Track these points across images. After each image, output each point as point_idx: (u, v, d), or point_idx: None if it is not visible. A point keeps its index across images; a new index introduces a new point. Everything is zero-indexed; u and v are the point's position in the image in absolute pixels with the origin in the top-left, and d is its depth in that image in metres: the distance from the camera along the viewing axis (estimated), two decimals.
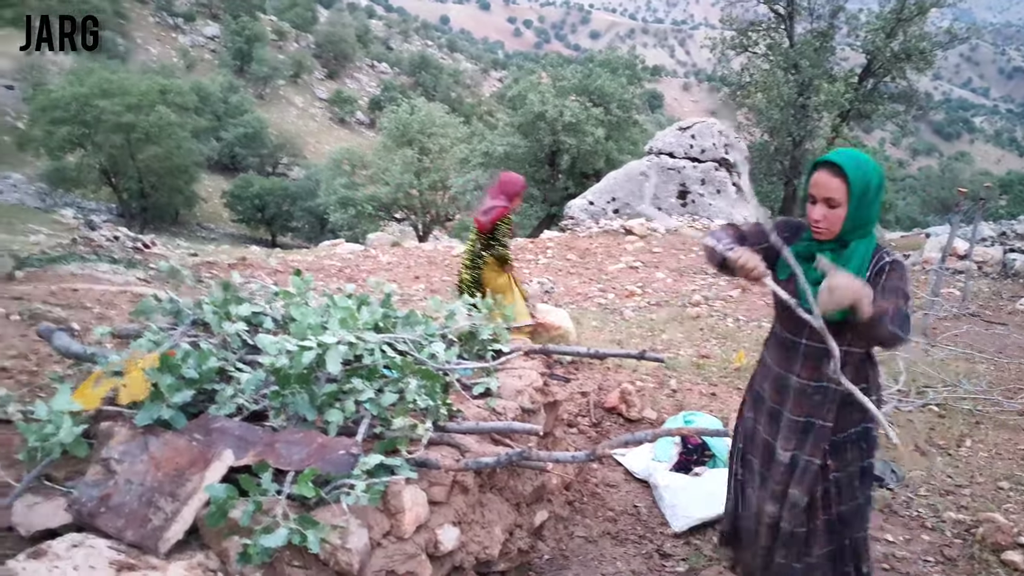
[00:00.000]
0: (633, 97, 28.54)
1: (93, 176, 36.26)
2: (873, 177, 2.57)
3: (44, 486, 2.84)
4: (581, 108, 25.34)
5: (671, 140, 17.63)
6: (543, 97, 25.45)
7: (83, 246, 14.21)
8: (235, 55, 66.74)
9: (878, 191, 2.60)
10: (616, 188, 17.78)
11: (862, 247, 2.63)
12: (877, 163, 2.65)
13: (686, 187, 17.19)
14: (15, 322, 6.09)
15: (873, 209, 2.62)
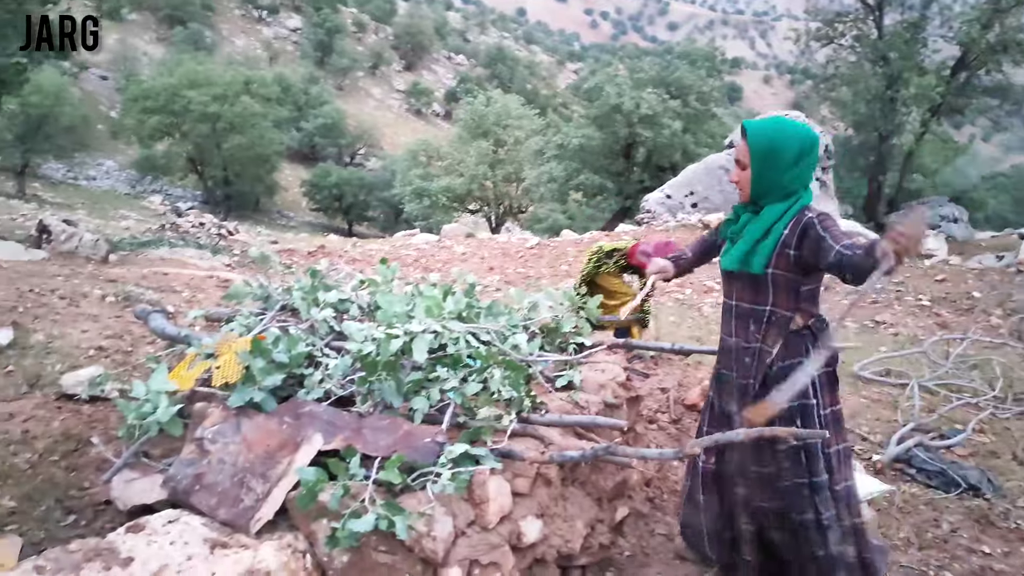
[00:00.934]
0: (712, 90, 28.03)
1: (180, 164, 37.49)
2: (786, 142, 2.60)
3: (141, 462, 2.94)
4: (658, 100, 25.00)
5: None
6: (620, 89, 25.20)
7: (171, 231, 14.72)
8: (316, 47, 68.03)
9: (797, 157, 2.60)
10: (695, 181, 17.50)
11: (775, 210, 2.66)
12: (808, 132, 2.65)
13: None
14: (110, 303, 6.33)
15: (786, 174, 2.62)
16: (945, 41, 24.55)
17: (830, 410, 2.76)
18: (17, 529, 2.79)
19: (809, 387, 2.67)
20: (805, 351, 2.70)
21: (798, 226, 2.61)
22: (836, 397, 2.81)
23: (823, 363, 2.65)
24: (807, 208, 2.65)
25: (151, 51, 56.19)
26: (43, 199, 28.65)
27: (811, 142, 2.63)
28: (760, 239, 2.67)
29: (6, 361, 4.52)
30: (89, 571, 2.19)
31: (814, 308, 2.74)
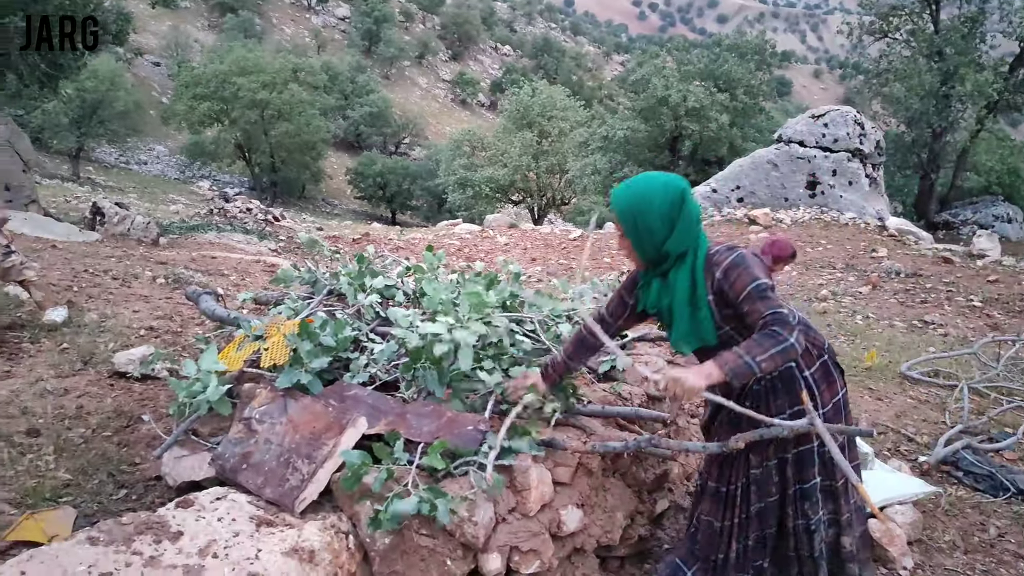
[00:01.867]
0: (761, 83, 27.62)
1: (228, 150, 38.06)
2: (651, 206, 2.40)
3: (190, 440, 3.00)
4: (706, 93, 24.71)
5: (802, 128, 16.95)
6: (667, 81, 24.96)
7: (219, 216, 14.97)
8: (364, 36, 68.49)
9: (668, 218, 2.41)
10: (741, 176, 17.28)
11: (684, 274, 2.47)
12: (672, 186, 2.44)
13: (815, 177, 16.53)
14: (160, 285, 6.48)
15: (667, 240, 2.43)
16: (1004, 36, 23.86)
17: (831, 404, 2.65)
18: (72, 501, 2.88)
19: (799, 390, 2.52)
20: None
21: (715, 285, 2.45)
22: (835, 387, 2.67)
23: (815, 357, 2.61)
24: (710, 257, 2.47)
25: (202, 38, 57.10)
26: (96, 182, 29.32)
27: (679, 194, 2.43)
28: (693, 314, 2.50)
29: (61, 338, 4.66)
30: (140, 544, 2.25)
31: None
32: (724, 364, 2.27)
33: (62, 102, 28.28)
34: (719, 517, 2.70)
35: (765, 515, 2.66)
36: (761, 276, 2.37)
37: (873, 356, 6.47)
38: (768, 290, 2.35)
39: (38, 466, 3.10)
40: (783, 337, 2.26)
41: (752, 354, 2.25)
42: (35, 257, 6.61)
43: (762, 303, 2.34)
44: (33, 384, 3.88)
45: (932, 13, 24.56)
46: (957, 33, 23.25)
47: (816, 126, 16.87)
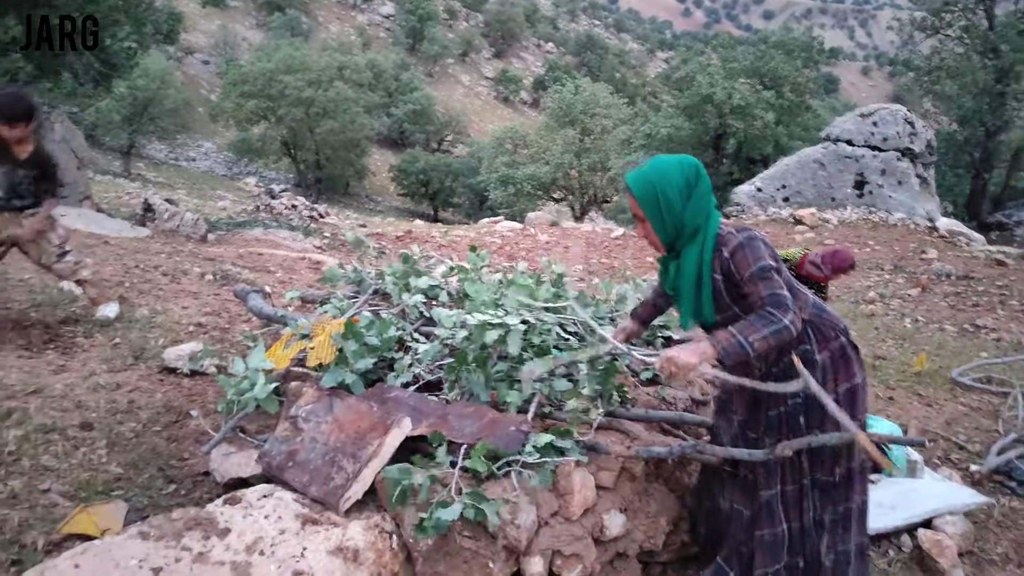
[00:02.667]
0: (808, 80, 27.15)
1: (275, 147, 38.55)
2: (670, 179, 2.50)
3: (238, 437, 3.05)
4: (751, 91, 24.38)
5: (850, 127, 16.64)
6: (712, 79, 24.67)
7: (265, 213, 15.17)
8: (408, 33, 68.87)
9: (686, 191, 2.50)
10: (787, 175, 17.03)
11: (693, 252, 2.53)
12: (687, 162, 2.55)
13: (864, 177, 16.21)
14: (208, 281, 6.59)
15: (684, 213, 2.51)
16: None
17: (845, 387, 2.61)
18: (123, 494, 2.94)
19: (814, 374, 2.52)
20: (806, 338, 2.59)
21: (723, 265, 2.51)
22: (852, 372, 2.63)
23: (832, 339, 2.60)
24: (720, 237, 2.53)
25: (250, 36, 57.92)
26: (147, 178, 29.94)
27: (692, 173, 2.53)
28: (698, 291, 2.56)
29: (113, 334, 4.76)
30: (190, 539, 2.29)
31: (797, 302, 2.54)
32: (718, 343, 2.36)
33: (115, 100, 28.91)
34: (747, 505, 2.71)
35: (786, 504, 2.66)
36: (765, 258, 2.43)
37: (923, 361, 6.33)
38: (771, 272, 2.42)
39: (91, 459, 3.17)
40: (777, 319, 2.33)
41: (745, 334, 2.33)
42: (88, 252, 6.76)
43: (763, 284, 2.40)
44: (86, 378, 3.98)
45: (987, 9, 23.97)
46: (1013, 29, 22.66)
47: (865, 124, 16.55)
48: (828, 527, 2.65)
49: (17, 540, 2.51)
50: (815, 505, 2.65)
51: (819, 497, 2.64)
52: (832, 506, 2.65)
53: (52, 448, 3.20)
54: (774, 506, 2.64)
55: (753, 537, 2.67)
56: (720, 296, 2.53)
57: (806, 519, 2.65)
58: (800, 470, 2.62)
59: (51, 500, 2.82)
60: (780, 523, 2.63)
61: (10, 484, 2.86)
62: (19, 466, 3.01)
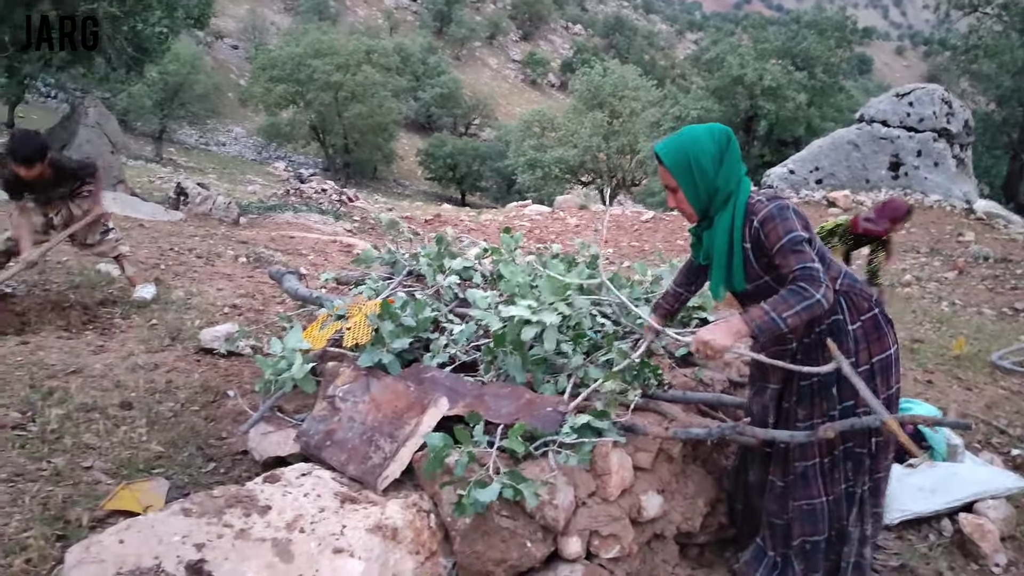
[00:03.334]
0: (841, 61, 26.73)
1: (303, 131, 38.72)
2: (698, 149, 2.47)
3: (276, 416, 3.07)
4: (783, 72, 24.05)
5: (885, 107, 16.35)
6: (742, 60, 24.37)
7: (294, 197, 15.26)
8: (435, 16, 68.66)
9: (718, 156, 2.48)
10: (821, 157, 16.78)
11: (725, 219, 2.50)
12: (717, 128, 2.53)
13: (899, 159, 15.94)
14: (242, 264, 6.64)
15: (717, 178, 2.48)
16: None
17: (878, 358, 2.57)
18: (163, 472, 2.98)
19: (845, 343, 2.53)
20: (839, 309, 2.56)
21: (752, 234, 2.48)
22: (886, 342, 2.60)
23: (865, 310, 2.56)
24: (750, 204, 2.50)
25: (278, 21, 58.11)
26: (178, 163, 30.20)
27: (723, 139, 2.50)
28: (729, 259, 2.54)
29: (150, 315, 4.82)
30: (231, 516, 2.31)
31: (830, 272, 2.52)
32: (751, 321, 2.34)
33: (146, 85, 29.14)
34: (781, 476, 2.70)
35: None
36: (796, 228, 2.39)
37: (962, 344, 6.23)
38: (802, 243, 2.37)
39: (132, 438, 3.21)
40: (809, 293, 2.30)
41: (778, 310, 2.31)
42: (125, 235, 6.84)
43: (794, 257, 2.36)
44: (125, 358, 4.03)
45: None
46: None
47: (901, 105, 16.26)
48: (859, 498, 2.64)
49: (62, 516, 2.55)
50: (848, 476, 2.63)
51: (852, 468, 2.62)
52: (865, 476, 2.64)
53: (93, 427, 3.24)
54: (810, 476, 2.62)
55: (788, 508, 2.67)
56: (749, 264, 2.51)
57: (838, 490, 2.63)
58: (832, 441, 2.59)
59: (94, 477, 2.86)
60: (819, 494, 2.62)
61: (53, 462, 2.91)
62: (62, 444, 3.06)
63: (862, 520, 2.65)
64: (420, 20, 70.17)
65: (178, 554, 2.15)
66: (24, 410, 3.29)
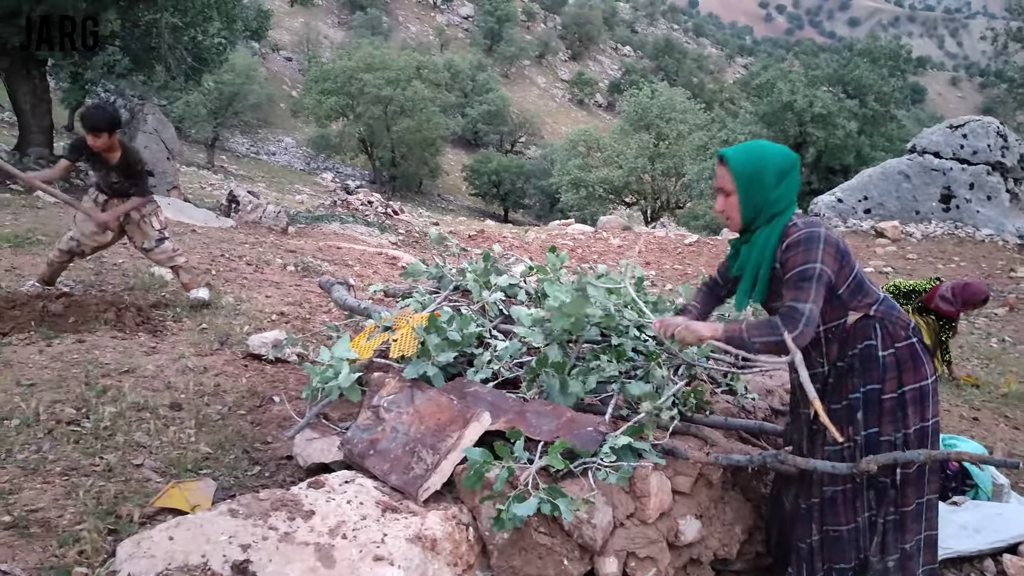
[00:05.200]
0: (894, 90, 26.39)
1: (352, 144, 39.33)
2: (768, 161, 2.53)
3: (321, 423, 3.13)
4: (833, 99, 23.81)
5: (938, 138, 16.11)
6: (793, 86, 24.18)
7: (341, 208, 15.46)
8: (486, 34, 69.41)
9: (780, 177, 2.53)
10: (870, 187, 16.58)
11: (763, 235, 2.56)
12: (787, 152, 2.58)
13: (951, 191, 15.69)
14: (290, 272, 6.77)
15: (771, 194, 2.52)
16: None
17: (912, 387, 2.56)
18: (211, 473, 3.05)
19: (875, 370, 2.55)
20: (873, 335, 2.56)
21: (780, 255, 2.53)
22: (923, 372, 2.59)
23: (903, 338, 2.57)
24: (787, 226, 2.54)
25: (332, 35, 59.19)
26: (229, 171, 30.82)
27: (791, 161, 2.56)
28: (756, 273, 2.59)
29: (201, 318, 4.94)
30: (276, 519, 2.37)
31: (865, 299, 2.57)
32: (728, 330, 2.49)
33: (202, 94, 29.85)
34: (806, 499, 2.71)
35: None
36: (813, 261, 2.42)
37: (1013, 382, 6.11)
38: (809, 280, 2.41)
39: (180, 438, 3.29)
40: (779, 332, 2.36)
41: (751, 333, 2.43)
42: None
43: (792, 292, 2.42)
44: (176, 360, 4.14)
45: None
46: None
47: (954, 136, 16.01)
48: (881, 529, 2.63)
49: (114, 511, 2.63)
50: (869, 505, 2.62)
51: (874, 498, 2.61)
52: (889, 507, 2.62)
53: (144, 425, 3.33)
54: (838, 502, 2.63)
55: (812, 532, 2.67)
56: (775, 283, 2.57)
57: (861, 519, 2.63)
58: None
59: (144, 475, 2.94)
60: (846, 521, 2.62)
61: (106, 458, 3.00)
62: (114, 441, 3.15)
63: (883, 552, 2.63)
64: (471, 38, 70.95)
65: (224, 553, 2.21)
66: (79, 407, 3.39)
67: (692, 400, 3.01)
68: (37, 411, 3.26)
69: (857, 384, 2.57)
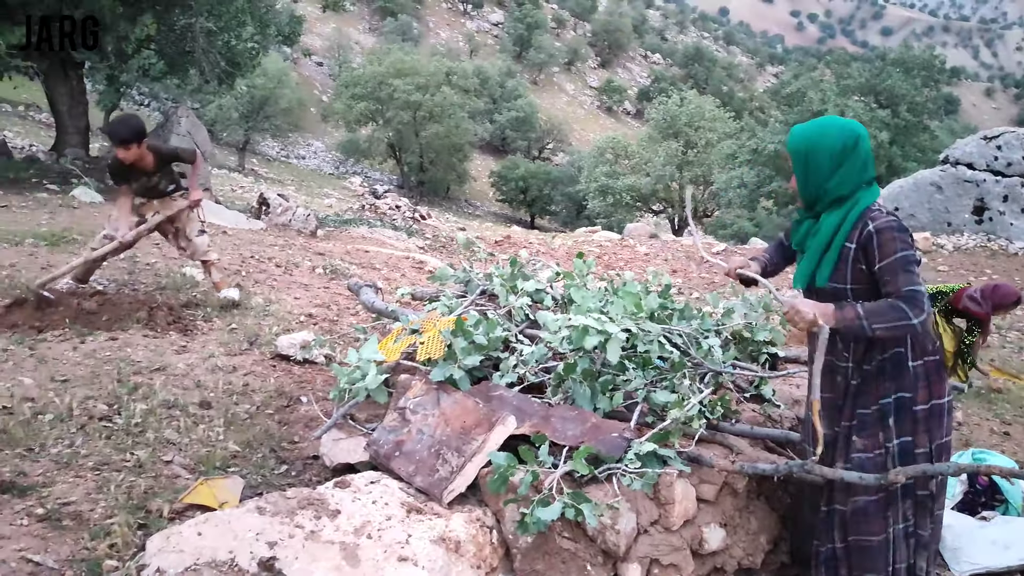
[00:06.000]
0: (926, 100, 26.10)
1: (381, 148, 39.60)
2: (825, 142, 2.45)
3: (348, 424, 3.16)
4: (865, 109, 23.62)
5: (972, 149, 15.88)
6: (824, 95, 24.03)
7: (369, 212, 15.56)
8: (515, 41, 69.59)
9: (839, 158, 2.44)
10: (901, 197, 16.38)
11: (832, 220, 2.50)
12: (851, 128, 2.46)
13: (984, 203, 15.45)
14: (319, 275, 6.83)
15: (830, 179, 2.46)
16: None
17: (933, 403, 2.54)
18: (238, 471, 3.09)
19: (905, 378, 2.52)
20: (903, 343, 2.53)
21: (862, 236, 2.45)
22: (942, 389, 2.58)
23: (931, 352, 2.55)
24: (869, 210, 2.47)
25: (363, 40, 59.63)
26: (259, 174, 31.14)
27: (854, 139, 2.44)
28: (823, 252, 2.54)
29: (230, 319, 5.00)
30: (303, 517, 2.39)
31: None
32: (842, 316, 2.40)
33: (234, 98, 30.21)
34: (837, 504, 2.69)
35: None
36: (912, 249, 2.40)
37: None
38: (914, 264, 2.38)
39: (209, 436, 3.34)
40: (907, 315, 2.31)
41: (871, 319, 2.35)
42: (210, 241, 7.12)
43: (904, 276, 2.36)
44: (205, 360, 4.19)
45: None
46: None
47: (988, 148, 15.78)
48: (926, 541, 2.62)
49: (144, 506, 2.67)
50: (905, 516, 2.59)
51: (911, 508, 2.59)
52: (928, 519, 2.61)
53: (174, 423, 3.38)
54: (869, 512, 2.59)
55: (833, 539, 2.66)
56: (843, 264, 2.50)
57: (893, 530, 2.59)
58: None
59: (173, 471, 2.99)
60: (880, 531, 2.59)
61: (136, 454, 3.05)
62: (144, 438, 3.20)
63: (930, 561, 2.65)
64: (500, 44, 71.16)
65: (251, 550, 2.24)
66: (111, 403, 3.45)
67: (718, 408, 3.00)
68: (70, 406, 3.32)
69: (889, 389, 2.54)
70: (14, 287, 4.94)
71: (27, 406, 3.27)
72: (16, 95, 25.37)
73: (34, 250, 6.13)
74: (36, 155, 14.21)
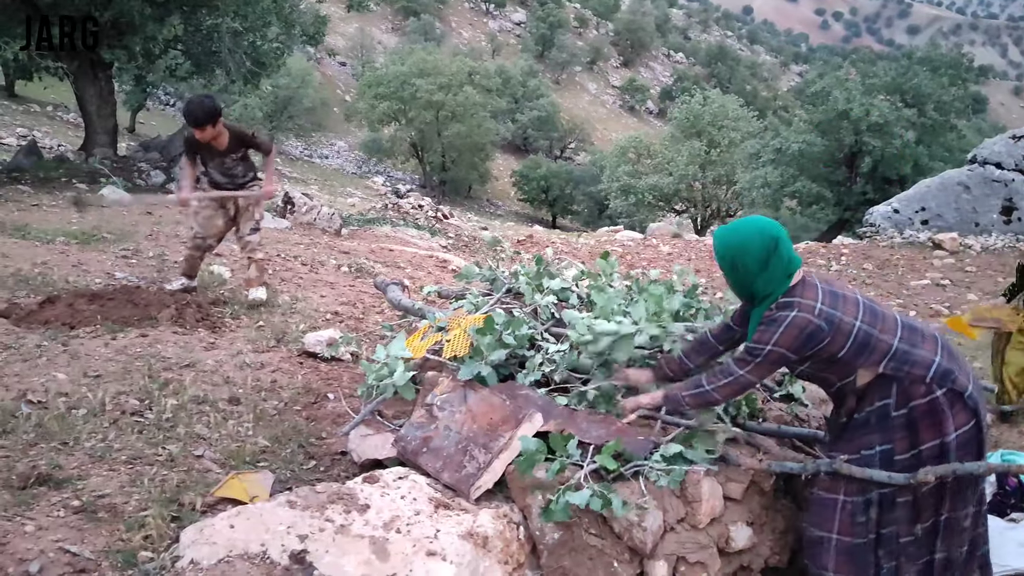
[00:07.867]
0: (954, 99, 25.75)
1: (403, 148, 39.73)
2: (747, 249, 2.54)
3: (375, 420, 3.20)
4: (891, 108, 23.33)
5: (1000, 149, 15.68)
6: (849, 94, 23.74)
7: (392, 211, 15.62)
8: (538, 41, 69.52)
9: (762, 262, 2.53)
10: (928, 198, 16.20)
11: (757, 314, 2.63)
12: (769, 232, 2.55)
13: (1013, 203, 15.25)
14: (344, 273, 6.88)
15: (756, 280, 2.56)
16: None
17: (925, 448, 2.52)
18: (268, 466, 3.13)
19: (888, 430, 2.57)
20: (889, 393, 2.52)
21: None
22: (945, 427, 2.52)
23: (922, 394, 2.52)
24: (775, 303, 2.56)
25: (385, 40, 59.85)
26: (282, 173, 31.32)
27: (774, 241, 2.54)
28: None
29: (258, 316, 5.06)
30: (332, 511, 2.43)
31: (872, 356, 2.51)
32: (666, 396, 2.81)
33: (258, 97, 30.46)
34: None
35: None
36: (766, 344, 2.49)
37: None
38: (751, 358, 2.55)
39: (239, 432, 3.39)
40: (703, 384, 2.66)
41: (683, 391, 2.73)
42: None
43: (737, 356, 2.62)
44: (234, 356, 4.24)
45: None
46: None
47: (1017, 147, 15.58)
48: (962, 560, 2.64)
49: (177, 499, 2.72)
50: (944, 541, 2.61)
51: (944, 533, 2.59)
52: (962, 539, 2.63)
53: (204, 418, 3.43)
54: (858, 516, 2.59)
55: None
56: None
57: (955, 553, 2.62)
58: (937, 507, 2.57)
59: (204, 466, 3.03)
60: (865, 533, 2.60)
61: (168, 448, 3.10)
62: (175, 433, 3.25)
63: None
64: (523, 44, 71.12)
65: (283, 543, 2.27)
66: (142, 398, 3.51)
67: (745, 408, 3.00)
68: (103, 401, 3.37)
69: (874, 441, 2.55)
70: (46, 284, 5.03)
71: (61, 401, 3.33)
72: (45, 95, 25.73)
73: (65, 248, 6.22)
74: (65, 155, 14.40)
